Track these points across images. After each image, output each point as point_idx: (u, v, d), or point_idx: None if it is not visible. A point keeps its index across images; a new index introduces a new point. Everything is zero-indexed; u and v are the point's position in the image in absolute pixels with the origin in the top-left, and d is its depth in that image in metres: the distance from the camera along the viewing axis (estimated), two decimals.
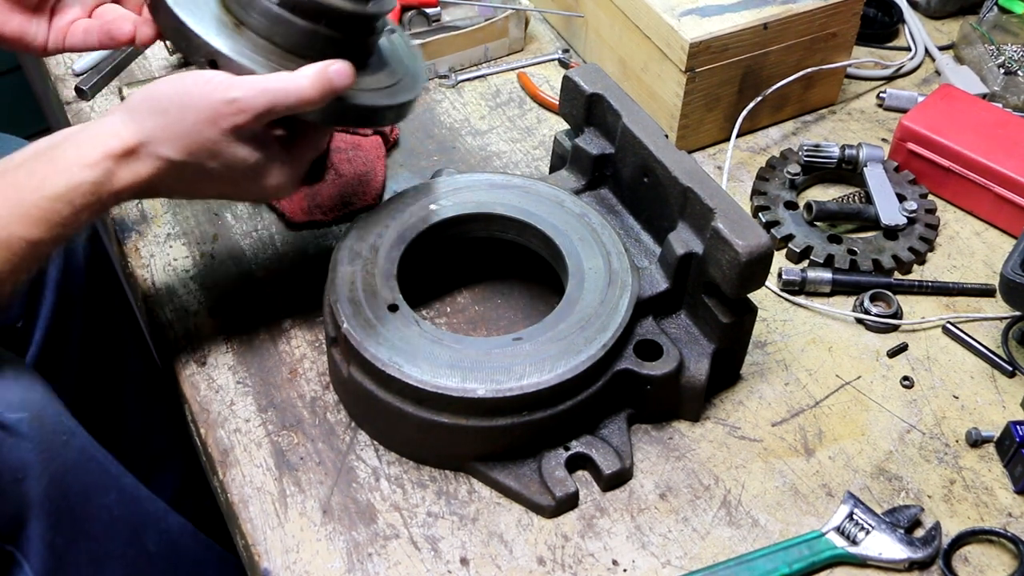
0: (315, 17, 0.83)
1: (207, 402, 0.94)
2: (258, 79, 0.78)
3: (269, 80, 0.78)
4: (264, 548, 0.84)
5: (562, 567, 0.84)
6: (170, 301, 1.03)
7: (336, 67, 0.80)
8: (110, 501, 0.94)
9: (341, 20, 0.84)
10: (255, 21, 0.84)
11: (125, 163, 0.78)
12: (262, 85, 0.78)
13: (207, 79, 0.78)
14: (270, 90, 0.78)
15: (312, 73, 0.79)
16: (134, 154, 0.78)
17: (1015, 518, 0.89)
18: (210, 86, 0.77)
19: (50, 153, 0.78)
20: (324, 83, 0.79)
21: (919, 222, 1.12)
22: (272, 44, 0.84)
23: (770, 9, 1.16)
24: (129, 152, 0.77)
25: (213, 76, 0.78)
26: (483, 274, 1.05)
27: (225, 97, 0.77)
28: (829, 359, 1.01)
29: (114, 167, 0.77)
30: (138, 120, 0.78)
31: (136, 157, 0.78)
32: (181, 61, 1.30)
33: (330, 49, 0.84)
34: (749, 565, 0.83)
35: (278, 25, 0.83)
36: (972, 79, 1.31)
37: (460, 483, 0.89)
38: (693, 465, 0.91)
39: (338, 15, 0.84)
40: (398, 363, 0.84)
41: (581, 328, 0.87)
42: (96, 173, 0.76)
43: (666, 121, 1.20)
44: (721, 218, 0.86)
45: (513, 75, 1.32)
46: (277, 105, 0.78)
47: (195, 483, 1.22)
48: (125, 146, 0.77)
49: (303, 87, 0.78)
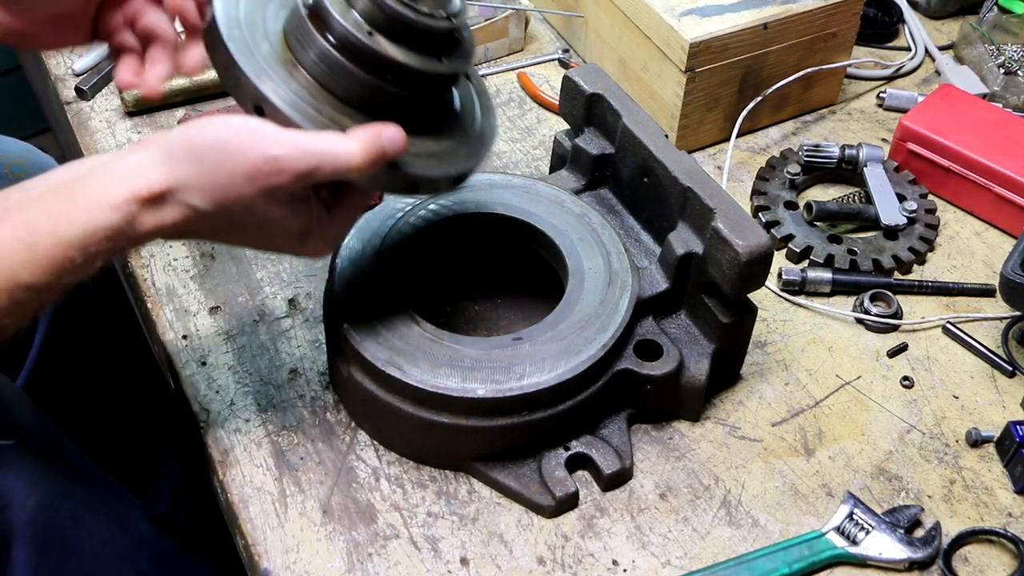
0: (378, 71, 0.75)
1: (207, 402, 0.94)
2: (303, 138, 0.71)
3: (315, 141, 0.71)
4: (264, 548, 0.84)
5: (562, 567, 0.84)
6: (170, 301, 1.03)
7: (389, 133, 0.73)
8: (101, 525, 0.92)
9: (408, 77, 0.76)
10: (312, 63, 0.76)
11: (151, 208, 0.71)
12: (307, 146, 0.71)
13: (251, 130, 0.71)
14: (315, 152, 0.71)
15: (363, 138, 0.72)
16: (161, 200, 0.71)
17: (1015, 518, 0.89)
18: (252, 138, 0.71)
19: (72, 188, 0.71)
20: (375, 151, 0.73)
21: (919, 222, 1.12)
22: (327, 91, 0.76)
23: (770, 9, 1.16)
24: (156, 197, 0.70)
25: (258, 128, 0.71)
26: (483, 274, 1.05)
27: (266, 155, 0.70)
28: (829, 359, 1.01)
29: (138, 211, 0.70)
30: (171, 164, 0.71)
31: (163, 203, 0.71)
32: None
33: (392, 105, 0.77)
34: (749, 565, 0.83)
35: (336, 73, 0.75)
36: (972, 79, 1.31)
37: (460, 483, 0.89)
38: (693, 465, 0.91)
39: (405, 72, 0.76)
40: (398, 363, 0.84)
41: (581, 328, 0.87)
42: (118, 216, 0.70)
43: (666, 121, 1.20)
44: (721, 218, 0.86)
45: (513, 75, 1.32)
46: (321, 169, 0.71)
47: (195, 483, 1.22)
48: (153, 190, 0.70)
49: (351, 153, 0.72)
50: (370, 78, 0.76)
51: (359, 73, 0.75)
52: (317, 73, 0.76)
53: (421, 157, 0.79)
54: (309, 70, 0.76)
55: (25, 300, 0.70)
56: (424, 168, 0.79)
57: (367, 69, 0.75)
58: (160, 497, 1.26)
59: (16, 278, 0.69)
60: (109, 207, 0.69)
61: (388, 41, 0.75)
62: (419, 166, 0.79)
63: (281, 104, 0.73)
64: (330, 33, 0.75)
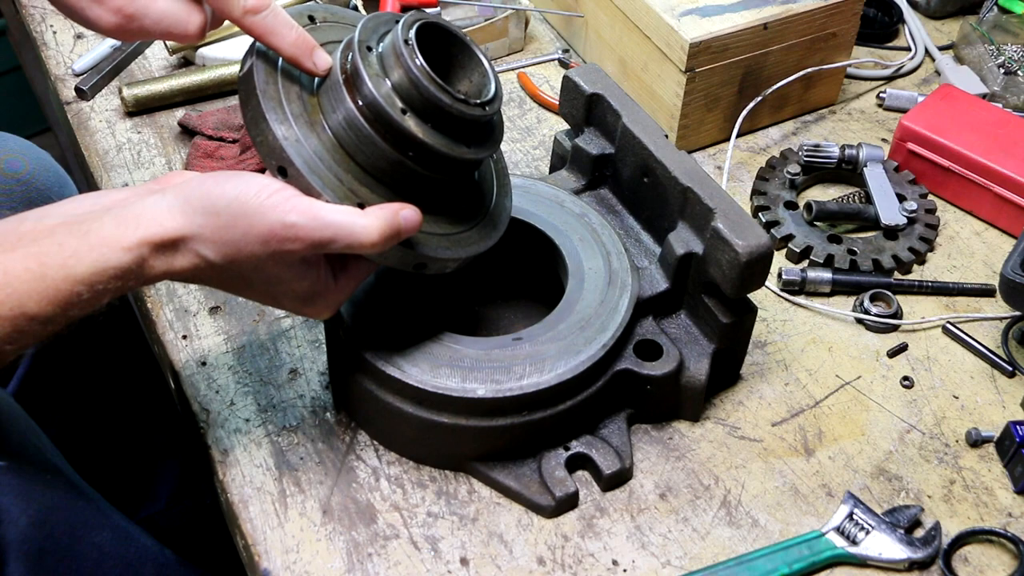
0: (403, 147, 0.76)
1: (207, 402, 0.94)
2: (322, 209, 0.72)
3: (333, 214, 0.72)
4: (264, 548, 0.84)
5: (562, 567, 0.84)
6: (170, 301, 1.03)
7: (407, 214, 0.75)
8: (102, 539, 0.91)
9: (433, 159, 0.77)
10: (339, 127, 0.76)
11: (162, 254, 0.72)
12: (325, 218, 0.72)
13: (271, 192, 0.72)
14: (332, 225, 0.72)
15: (380, 216, 0.73)
16: (174, 247, 0.72)
17: (1015, 518, 0.89)
18: (271, 201, 0.71)
19: (87, 225, 0.71)
20: (390, 230, 0.74)
21: (919, 222, 1.12)
22: (350, 158, 0.76)
23: (770, 9, 1.16)
24: (169, 244, 0.72)
25: (278, 191, 0.72)
26: (483, 275, 1.05)
27: (284, 221, 0.71)
28: (829, 359, 1.01)
29: (149, 255, 0.71)
30: (187, 213, 0.71)
31: (175, 250, 0.72)
32: (181, 60, 1.30)
33: (413, 182, 0.78)
34: (749, 565, 0.83)
35: (361, 142, 0.76)
36: (972, 79, 1.31)
37: (460, 483, 0.89)
38: (693, 465, 0.91)
39: (430, 153, 0.76)
40: (398, 363, 0.84)
41: (581, 328, 0.87)
42: (130, 258, 0.70)
43: (666, 121, 1.20)
44: (721, 218, 0.86)
45: (513, 75, 1.32)
46: (337, 242, 0.73)
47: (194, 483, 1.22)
48: (166, 236, 0.71)
49: (368, 230, 0.72)
50: (394, 153, 0.76)
51: (383, 146, 0.76)
52: (343, 138, 0.76)
53: (435, 236, 0.80)
54: (335, 133, 0.76)
55: (29, 329, 0.70)
56: (436, 249, 0.80)
57: (392, 143, 0.76)
58: (158, 496, 1.26)
59: (22, 307, 0.69)
60: (121, 248, 0.70)
61: (417, 120, 0.76)
62: (431, 246, 0.80)
63: (305, 170, 0.74)
64: (361, 101, 0.75)
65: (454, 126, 0.77)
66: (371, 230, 0.73)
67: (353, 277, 0.81)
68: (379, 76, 0.75)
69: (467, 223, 0.84)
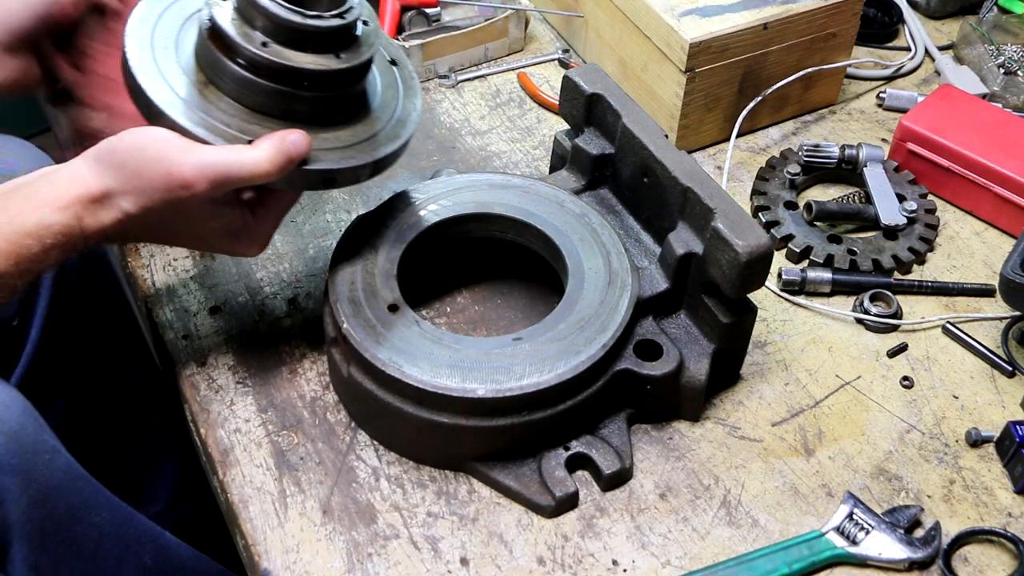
0: (277, 77, 0.80)
1: (207, 402, 0.94)
2: (211, 153, 0.78)
3: (219, 154, 0.78)
4: (264, 548, 0.84)
5: (562, 567, 0.84)
6: (170, 301, 1.03)
7: (293, 138, 0.80)
8: (101, 520, 0.93)
9: (307, 79, 0.81)
10: (219, 80, 0.82)
11: (92, 210, 0.78)
12: (214, 158, 0.77)
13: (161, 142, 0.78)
14: (219, 164, 0.77)
15: (268, 146, 0.78)
16: (100, 202, 0.78)
17: (1015, 518, 0.89)
18: (161, 151, 0.77)
19: (25, 190, 0.78)
20: (281, 156, 0.79)
21: (919, 222, 1.12)
22: (237, 103, 0.82)
23: (770, 9, 1.16)
24: (96, 199, 0.77)
25: (168, 140, 0.78)
26: (483, 274, 1.05)
27: (173, 171, 0.77)
28: (829, 359, 1.01)
29: (82, 212, 0.77)
30: (100, 171, 0.78)
31: (102, 205, 0.78)
32: None
33: (303, 106, 0.82)
34: (749, 565, 0.83)
35: (239, 85, 0.81)
36: (972, 79, 1.31)
37: (460, 483, 0.89)
38: (693, 465, 0.91)
39: (302, 75, 0.81)
40: (398, 363, 0.84)
41: (581, 328, 0.87)
42: (66, 216, 0.77)
43: (666, 121, 1.20)
44: (721, 218, 0.86)
45: (513, 75, 1.32)
46: (231, 179, 0.78)
47: (195, 483, 1.22)
48: (91, 193, 0.77)
49: (258, 161, 0.78)
50: (271, 85, 0.81)
51: (260, 82, 0.80)
52: (226, 89, 0.82)
53: (336, 150, 0.84)
54: (219, 86, 0.82)
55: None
56: (339, 161, 0.83)
57: (266, 77, 0.80)
58: (159, 497, 1.26)
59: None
60: (59, 208, 0.76)
61: (282, 48, 0.80)
62: (333, 159, 0.83)
63: (191, 127, 0.79)
64: (229, 48, 0.80)
65: (318, 42, 0.81)
66: (261, 160, 0.78)
67: (270, 208, 0.86)
68: (236, 19, 0.80)
69: (371, 130, 0.87)
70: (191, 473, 1.24)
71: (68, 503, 0.89)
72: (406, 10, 1.33)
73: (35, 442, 0.85)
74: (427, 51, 1.27)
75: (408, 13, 1.33)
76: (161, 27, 0.84)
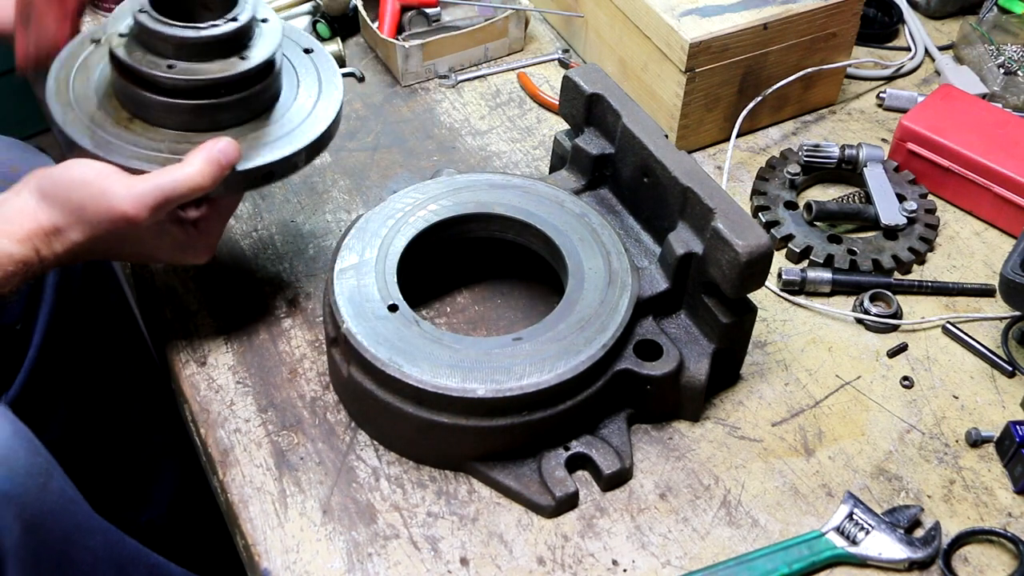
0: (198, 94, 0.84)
1: (207, 402, 0.94)
2: (146, 181, 0.80)
3: (157, 178, 0.80)
4: (264, 548, 0.84)
5: (562, 567, 0.84)
6: (170, 301, 1.03)
7: (221, 145, 0.82)
8: (95, 543, 0.93)
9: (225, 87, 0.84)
10: (145, 111, 0.85)
11: (47, 241, 0.81)
12: (152, 184, 0.80)
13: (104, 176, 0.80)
14: (159, 187, 0.80)
15: (198, 158, 0.81)
16: (52, 235, 0.81)
17: (1015, 518, 0.89)
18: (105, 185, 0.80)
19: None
20: (212, 165, 0.81)
21: (919, 222, 1.12)
22: (163, 128, 0.85)
23: (770, 9, 1.16)
24: (48, 233, 0.81)
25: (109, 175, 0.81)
26: (483, 274, 1.05)
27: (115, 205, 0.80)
28: (829, 359, 1.01)
29: (39, 244, 0.81)
30: (47, 207, 0.81)
31: (55, 237, 0.82)
32: None
33: (225, 112, 0.85)
34: (749, 565, 0.83)
35: (158, 110, 0.84)
36: (972, 79, 1.31)
37: (460, 483, 0.89)
38: (693, 465, 0.91)
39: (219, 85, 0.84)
40: (398, 363, 0.84)
41: (581, 328, 0.87)
42: (26, 248, 0.80)
43: (666, 121, 1.20)
44: (721, 218, 0.86)
45: (513, 75, 1.32)
46: (170, 200, 0.81)
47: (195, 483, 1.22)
48: (43, 228, 0.81)
49: (190, 175, 0.80)
50: (189, 102, 0.84)
51: (178, 102, 0.84)
52: (150, 118, 0.85)
53: (267, 145, 0.87)
54: (138, 115, 0.86)
55: None
56: (271, 155, 0.86)
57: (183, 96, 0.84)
58: (159, 500, 1.26)
59: None
60: (16, 241, 0.80)
61: (189, 64, 0.83)
62: (265, 155, 0.86)
63: (126, 161, 0.82)
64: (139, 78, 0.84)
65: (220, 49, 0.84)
66: (193, 174, 0.81)
67: (211, 218, 0.89)
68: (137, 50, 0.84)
69: (297, 118, 0.90)
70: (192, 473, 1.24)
71: (62, 527, 0.88)
72: (406, 10, 1.33)
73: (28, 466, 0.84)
74: (427, 51, 1.27)
75: (408, 13, 1.34)
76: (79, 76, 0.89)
